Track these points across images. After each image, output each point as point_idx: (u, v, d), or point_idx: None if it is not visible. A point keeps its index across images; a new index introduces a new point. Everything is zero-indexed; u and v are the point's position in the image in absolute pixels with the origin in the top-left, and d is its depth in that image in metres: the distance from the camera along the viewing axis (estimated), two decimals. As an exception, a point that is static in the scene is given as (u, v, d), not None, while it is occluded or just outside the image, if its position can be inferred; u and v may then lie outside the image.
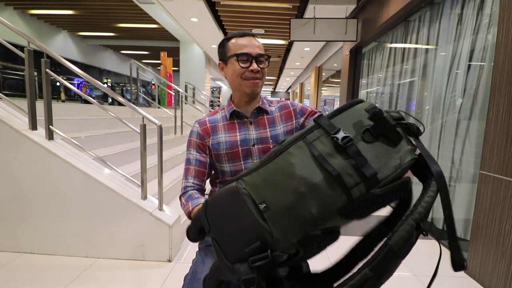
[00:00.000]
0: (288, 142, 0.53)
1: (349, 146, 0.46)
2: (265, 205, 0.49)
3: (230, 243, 0.51)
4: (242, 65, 0.89)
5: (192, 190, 0.95)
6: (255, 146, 0.95)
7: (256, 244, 0.48)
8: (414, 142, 0.50)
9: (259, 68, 0.90)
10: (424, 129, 0.52)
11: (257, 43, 0.93)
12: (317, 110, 1.02)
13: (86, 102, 5.38)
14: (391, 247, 0.44)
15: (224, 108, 1.01)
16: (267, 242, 0.48)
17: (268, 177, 0.51)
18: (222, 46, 0.95)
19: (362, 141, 0.48)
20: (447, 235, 0.46)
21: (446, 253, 0.47)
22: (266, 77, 0.98)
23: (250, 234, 0.49)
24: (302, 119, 1.00)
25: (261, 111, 0.98)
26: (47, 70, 2.09)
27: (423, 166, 0.48)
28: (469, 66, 2.27)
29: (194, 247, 0.75)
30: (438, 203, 0.46)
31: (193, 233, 0.61)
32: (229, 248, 0.51)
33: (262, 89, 1.00)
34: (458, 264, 0.46)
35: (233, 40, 0.93)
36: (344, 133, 0.48)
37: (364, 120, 0.49)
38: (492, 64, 1.86)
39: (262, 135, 0.96)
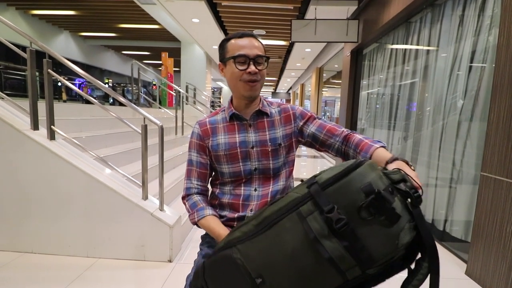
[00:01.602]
0: (281, 211, 0.51)
1: (344, 229, 0.44)
2: (261, 280, 0.49)
3: None
4: (240, 67, 0.88)
5: (196, 194, 0.97)
6: (254, 149, 0.95)
7: None
8: (412, 212, 0.47)
9: (256, 70, 0.88)
10: (422, 193, 0.49)
11: (257, 44, 0.90)
12: (316, 116, 1.00)
13: (88, 102, 5.39)
14: None
15: (224, 110, 1.01)
16: None
17: (262, 250, 0.51)
18: (222, 47, 0.94)
19: (358, 218, 0.45)
20: None
21: (447, 255, 0.47)
22: (267, 78, 0.97)
23: None
24: (301, 123, 0.99)
25: (260, 113, 0.98)
26: (49, 70, 2.10)
27: (416, 236, 0.47)
28: (470, 67, 2.26)
29: (195, 247, 0.75)
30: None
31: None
32: None
33: (262, 90, 0.99)
34: None
35: (232, 41, 0.90)
36: (339, 212, 0.45)
37: (361, 196, 0.45)
38: (494, 65, 1.86)
39: (261, 138, 0.95)
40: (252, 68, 0.87)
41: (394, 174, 0.49)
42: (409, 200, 0.47)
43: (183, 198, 0.99)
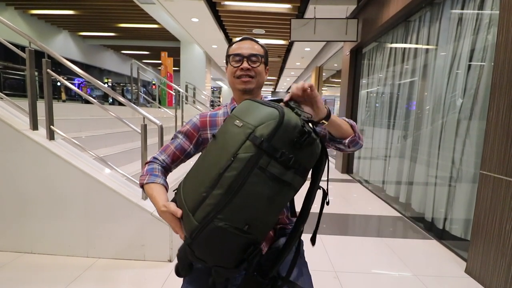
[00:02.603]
0: (243, 172, 0.60)
1: (293, 162, 0.61)
2: (248, 225, 0.61)
3: (226, 260, 0.64)
4: (234, 64, 0.95)
5: (159, 165, 0.96)
6: None
7: (250, 249, 0.62)
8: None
9: (248, 67, 0.94)
10: (312, 116, 0.72)
11: (256, 46, 0.97)
12: None
13: (87, 102, 5.38)
14: None
15: (227, 105, 1.05)
16: (256, 242, 0.63)
17: (240, 206, 0.61)
18: (227, 51, 1.01)
19: (295, 149, 0.62)
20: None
21: (447, 254, 0.48)
22: (267, 77, 1.00)
23: (241, 247, 0.62)
24: None
25: None
26: (48, 70, 2.09)
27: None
28: (469, 66, 2.27)
29: (194, 247, 0.75)
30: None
31: (184, 270, 0.72)
32: (225, 262, 0.64)
33: (262, 90, 1.02)
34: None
35: (234, 45, 0.99)
36: (286, 153, 0.60)
37: (294, 135, 0.61)
38: (492, 64, 1.86)
39: None
40: (244, 64, 0.93)
41: (298, 109, 0.67)
42: (310, 124, 0.65)
43: (146, 163, 0.98)
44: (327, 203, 0.73)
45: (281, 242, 0.93)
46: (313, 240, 0.78)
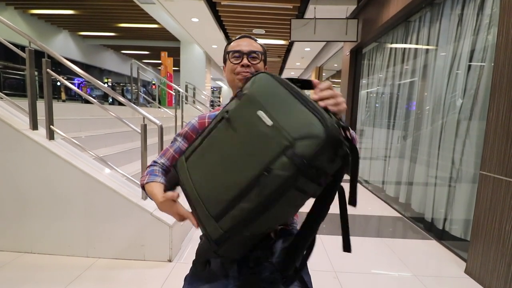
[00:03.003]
0: (278, 191, 0.55)
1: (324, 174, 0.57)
2: (270, 228, 0.65)
3: (245, 251, 0.68)
4: (234, 61, 0.94)
5: (159, 167, 0.97)
6: None
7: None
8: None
9: (249, 63, 0.93)
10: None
11: (254, 44, 0.97)
12: None
13: (87, 102, 5.38)
14: None
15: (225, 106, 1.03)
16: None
17: (268, 218, 0.58)
18: (225, 49, 1.00)
19: (332, 163, 0.56)
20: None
21: (446, 254, 0.48)
22: None
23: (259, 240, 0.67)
24: None
25: None
26: (48, 70, 2.09)
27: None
28: (469, 66, 2.27)
29: (194, 247, 0.76)
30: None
31: (200, 265, 0.71)
32: (244, 252, 0.68)
33: None
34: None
35: (232, 43, 0.98)
36: (324, 170, 0.55)
37: (336, 152, 0.55)
38: (493, 64, 1.86)
39: None
40: (244, 61, 0.93)
41: (332, 115, 0.57)
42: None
43: (147, 167, 0.99)
44: (353, 204, 0.61)
45: (279, 244, 0.92)
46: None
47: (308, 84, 0.67)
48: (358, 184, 4.50)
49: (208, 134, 0.69)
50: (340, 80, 5.57)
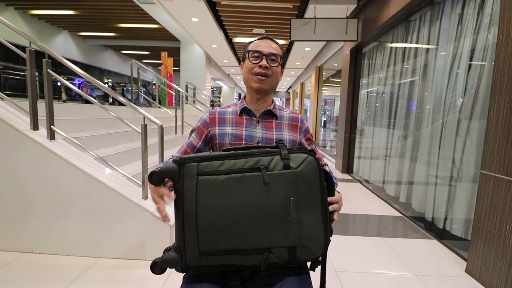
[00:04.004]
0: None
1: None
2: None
3: None
4: (253, 61, 0.96)
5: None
6: (259, 144, 0.97)
7: None
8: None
9: (267, 65, 0.95)
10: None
11: (274, 45, 0.99)
12: (313, 141, 1.11)
13: (87, 102, 5.39)
14: None
15: (236, 104, 1.07)
16: None
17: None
18: (244, 48, 1.03)
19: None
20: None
21: (447, 253, 0.48)
22: None
23: None
24: (303, 139, 1.07)
25: (270, 114, 1.03)
26: (48, 70, 2.09)
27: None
28: (469, 65, 2.27)
29: (195, 246, 0.76)
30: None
31: (159, 269, 0.81)
32: None
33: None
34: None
35: (254, 42, 1.00)
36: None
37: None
38: (493, 63, 1.86)
39: (268, 136, 1.00)
40: (263, 62, 0.95)
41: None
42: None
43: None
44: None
45: None
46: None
47: (331, 189, 0.82)
48: (359, 184, 4.51)
49: (238, 172, 0.74)
50: (340, 80, 5.57)
